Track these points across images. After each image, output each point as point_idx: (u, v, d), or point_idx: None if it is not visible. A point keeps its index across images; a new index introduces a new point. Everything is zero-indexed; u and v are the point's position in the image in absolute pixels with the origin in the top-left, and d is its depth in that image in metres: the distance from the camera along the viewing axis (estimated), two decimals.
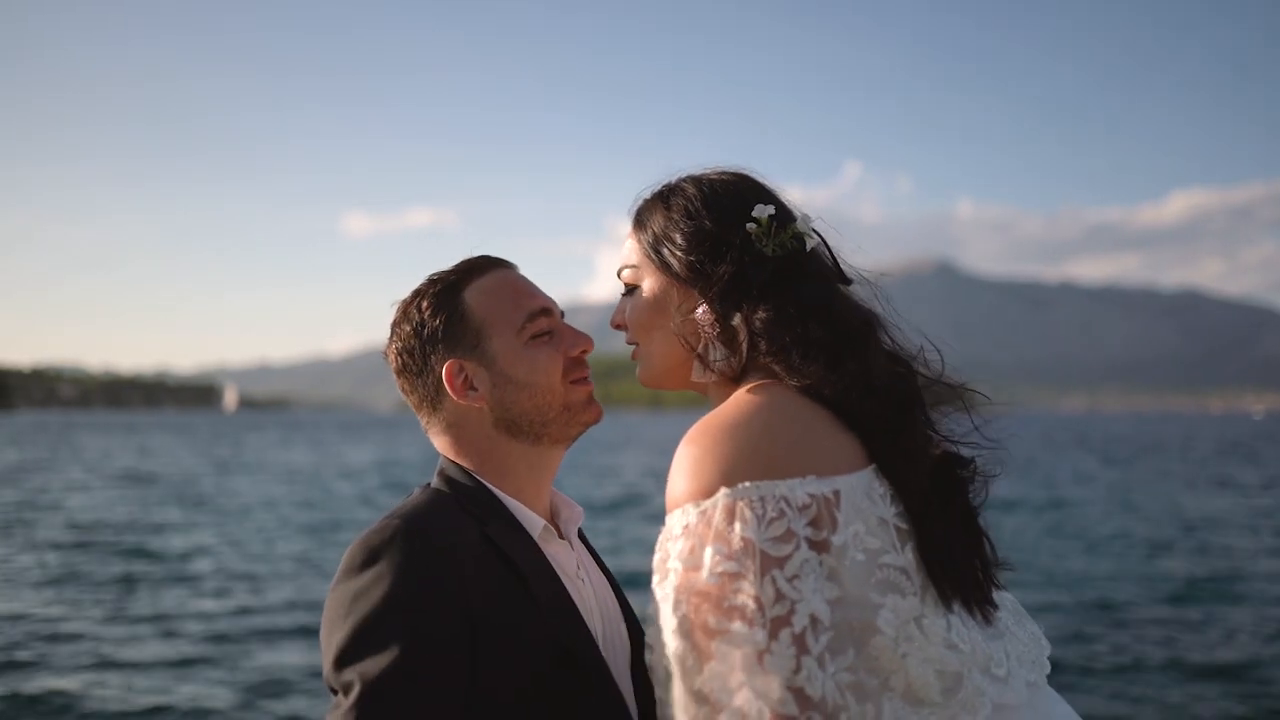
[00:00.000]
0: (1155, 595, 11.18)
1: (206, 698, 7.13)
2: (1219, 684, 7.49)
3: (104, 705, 6.90)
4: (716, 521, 1.17)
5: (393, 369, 1.63)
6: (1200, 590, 11.49)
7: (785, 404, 1.28)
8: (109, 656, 8.22)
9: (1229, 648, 8.64)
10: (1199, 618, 9.94)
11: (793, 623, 1.13)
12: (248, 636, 9.09)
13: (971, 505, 1.34)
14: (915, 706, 1.17)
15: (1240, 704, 6.99)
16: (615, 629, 1.59)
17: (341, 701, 1.31)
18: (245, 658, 8.30)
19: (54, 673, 7.66)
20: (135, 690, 7.26)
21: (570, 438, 1.62)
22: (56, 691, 7.16)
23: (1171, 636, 9.05)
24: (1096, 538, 16.10)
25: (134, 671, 7.76)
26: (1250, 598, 11.06)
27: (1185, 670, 7.86)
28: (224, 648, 8.65)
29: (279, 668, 8.01)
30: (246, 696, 7.14)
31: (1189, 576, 12.34)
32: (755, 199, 1.42)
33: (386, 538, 1.40)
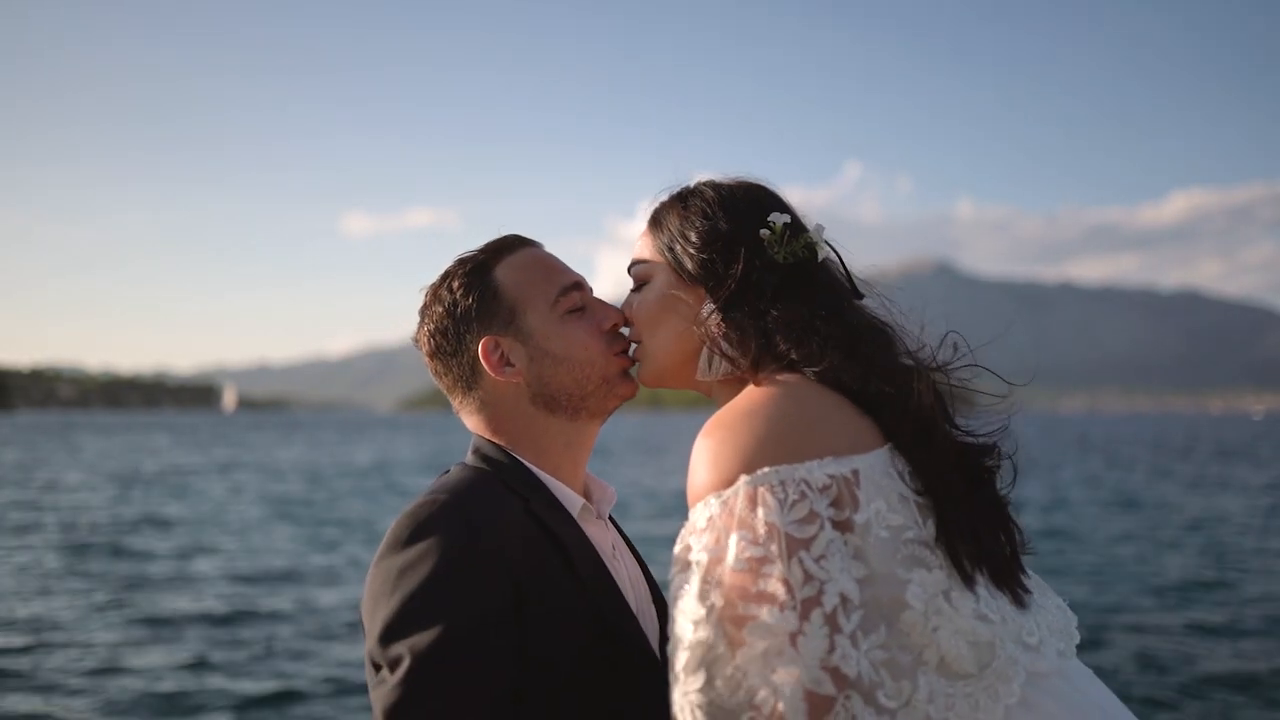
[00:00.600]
0: (1166, 596, 11.07)
1: (205, 698, 7.07)
2: (1229, 688, 7.42)
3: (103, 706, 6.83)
4: (739, 509, 1.18)
5: (425, 353, 1.63)
6: (1210, 591, 11.37)
7: (798, 390, 1.29)
8: (107, 659, 8.17)
9: (1239, 647, 8.58)
10: (1209, 618, 9.83)
11: (823, 603, 1.13)
12: (247, 638, 9.00)
13: (999, 492, 1.35)
14: (951, 679, 1.17)
15: (1265, 711, 6.89)
16: (646, 608, 1.60)
17: (388, 676, 1.30)
18: (247, 658, 8.24)
19: (52, 674, 7.60)
20: (135, 690, 7.20)
21: (607, 411, 1.62)
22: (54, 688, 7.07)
23: (1182, 638, 8.97)
24: (1104, 537, 15.97)
25: (135, 674, 7.70)
26: (1263, 599, 10.92)
27: (1197, 673, 7.77)
28: (223, 647, 8.58)
29: (276, 671, 7.92)
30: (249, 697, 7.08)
31: (1199, 578, 12.22)
32: (771, 207, 1.45)
33: (433, 512, 1.39)
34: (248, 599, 10.79)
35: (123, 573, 12.37)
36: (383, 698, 1.30)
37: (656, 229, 1.50)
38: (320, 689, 7.26)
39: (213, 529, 17.32)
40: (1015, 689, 1.18)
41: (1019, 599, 1.28)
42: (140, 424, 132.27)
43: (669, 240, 1.47)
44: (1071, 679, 1.26)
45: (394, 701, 1.28)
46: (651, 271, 1.50)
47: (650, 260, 1.50)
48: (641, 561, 1.71)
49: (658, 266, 1.49)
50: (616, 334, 1.60)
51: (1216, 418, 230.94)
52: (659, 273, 1.49)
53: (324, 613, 10.08)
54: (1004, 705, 1.17)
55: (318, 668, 7.84)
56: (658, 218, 1.51)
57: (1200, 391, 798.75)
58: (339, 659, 8.15)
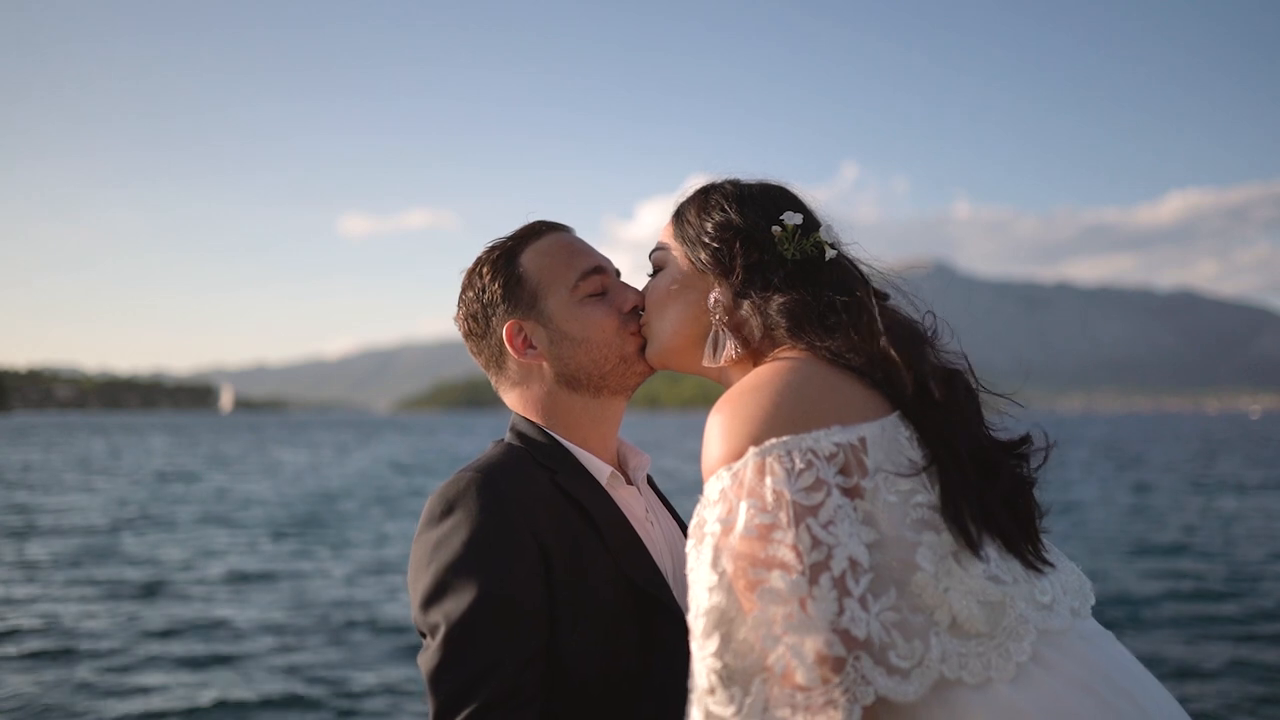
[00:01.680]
0: (1182, 595, 10.85)
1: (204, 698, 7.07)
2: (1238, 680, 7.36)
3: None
4: (748, 479, 1.22)
5: (461, 334, 1.73)
6: (1226, 590, 11.13)
7: (804, 365, 1.34)
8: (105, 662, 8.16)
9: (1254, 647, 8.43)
10: (1223, 617, 9.67)
11: (831, 567, 1.16)
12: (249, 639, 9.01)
13: (1023, 473, 1.37)
14: (963, 639, 1.20)
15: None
16: (683, 568, 1.63)
17: (429, 642, 1.42)
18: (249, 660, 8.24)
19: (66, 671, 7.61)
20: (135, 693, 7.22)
21: (629, 388, 1.70)
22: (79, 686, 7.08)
23: (1199, 636, 8.83)
24: (1117, 538, 15.66)
25: (136, 672, 7.71)
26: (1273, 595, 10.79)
27: (1208, 672, 7.66)
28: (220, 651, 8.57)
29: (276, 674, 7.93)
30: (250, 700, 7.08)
31: (1214, 576, 12.03)
32: (786, 207, 1.52)
33: (461, 489, 1.49)
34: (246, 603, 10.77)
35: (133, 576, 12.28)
36: (426, 661, 1.43)
37: (677, 220, 1.59)
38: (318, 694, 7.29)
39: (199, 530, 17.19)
40: (1027, 647, 1.20)
41: (1031, 565, 1.30)
42: (138, 424, 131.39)
43: (687, 230, 1.55)
44: (1086, 636, 1.27)
45: (435, 664, 1.41)
46: (667, 258, 1.59)
47: (668, 247, 1.59)
48: (683, 524, 1.78)
49: (674, 254, 1.57)
50: (634, 315, 1.67)
51: (1214, 417, 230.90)
52: (674, 259, 1.57)
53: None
54: (1015, 663, 1.19)
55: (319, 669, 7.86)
56: (680, 210, 1.60)
57: (1197, 391, 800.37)
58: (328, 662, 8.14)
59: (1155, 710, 1.22)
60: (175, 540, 15.50)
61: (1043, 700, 1.18)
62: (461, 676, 1.39)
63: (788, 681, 1.14)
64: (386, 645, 8.52)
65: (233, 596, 10.82)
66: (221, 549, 14.58)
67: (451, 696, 1.39)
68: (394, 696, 7.03)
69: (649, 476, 1.83)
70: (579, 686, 1.47)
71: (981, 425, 1.38)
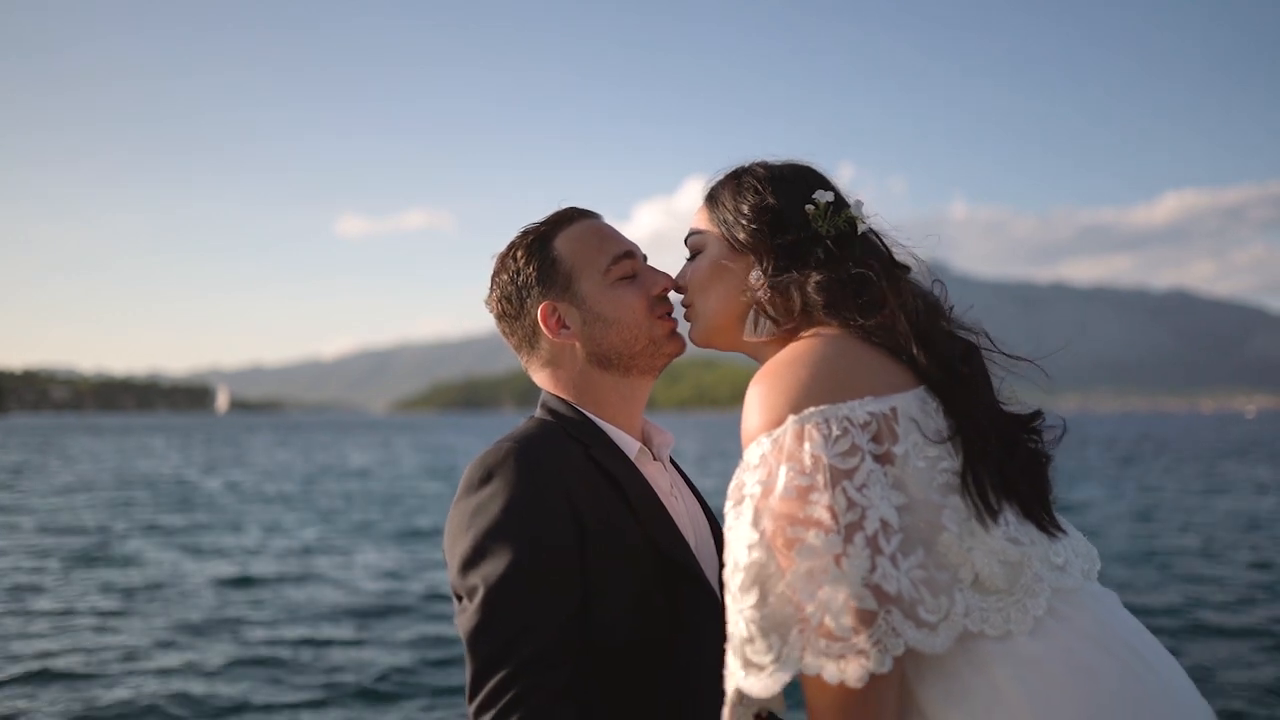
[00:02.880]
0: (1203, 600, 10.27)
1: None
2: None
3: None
4: (788, 444, 1.30)
5: (494, 315, 1.79)
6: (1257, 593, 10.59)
7: (838, 340, 1.42)
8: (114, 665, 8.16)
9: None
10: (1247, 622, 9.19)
11: (865, 526, 1.24)
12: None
13: (1037, 448, 1.46)
14: (984, 595, 1.28)
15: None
16: (705, 542, 1.74)
17: (467, 605, 1.48)
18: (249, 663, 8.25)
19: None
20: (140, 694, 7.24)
21: (657, 368, 1.76)
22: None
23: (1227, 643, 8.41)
24: (1134, 540, 15.06)
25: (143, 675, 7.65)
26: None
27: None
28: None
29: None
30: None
31: (1246, 580, 11.43)
32: (816, 185, 1.58)
33: (501, 458, 1.55)
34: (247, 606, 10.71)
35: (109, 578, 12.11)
36: (464, 623, 1.48)
37: (712, 204, 1.64)
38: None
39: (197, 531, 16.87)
40: (1042, 603, 1.29)
41: (1046, 529, 1.39)
42: (135, 426, 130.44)
43: (722, 214, 1.61)
44: (1095, 596, 1.37)
45: (473, 626, 1.46)
46: (705, 241, 1.64)
47: (705, 231, 1.64)
48: (703, 501, 1.86)
49: (711, 237, 1.63)
50: (663, 298, 1.74)
51: (1210, 417, 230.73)
52: (712, 242, 1.62)
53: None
54: (1033, 617, 1.28)
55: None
56: (713, 194, 1.65)
57: (1192, 391, 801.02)
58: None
59: (1157, 662, 1.31)
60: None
61: (1057, 650, 1.27)
62: (500, 637, 1.45)
63: (823, 632, 1.22)
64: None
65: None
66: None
67: (490, 657, 1.44)
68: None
69: (670, 456, 1.89)
70: (608, 650, 1.53)
71: (995, 398, 1.47)
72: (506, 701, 1.42)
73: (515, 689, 1.42)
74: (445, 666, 7.59)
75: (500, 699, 1.42)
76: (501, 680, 1.43)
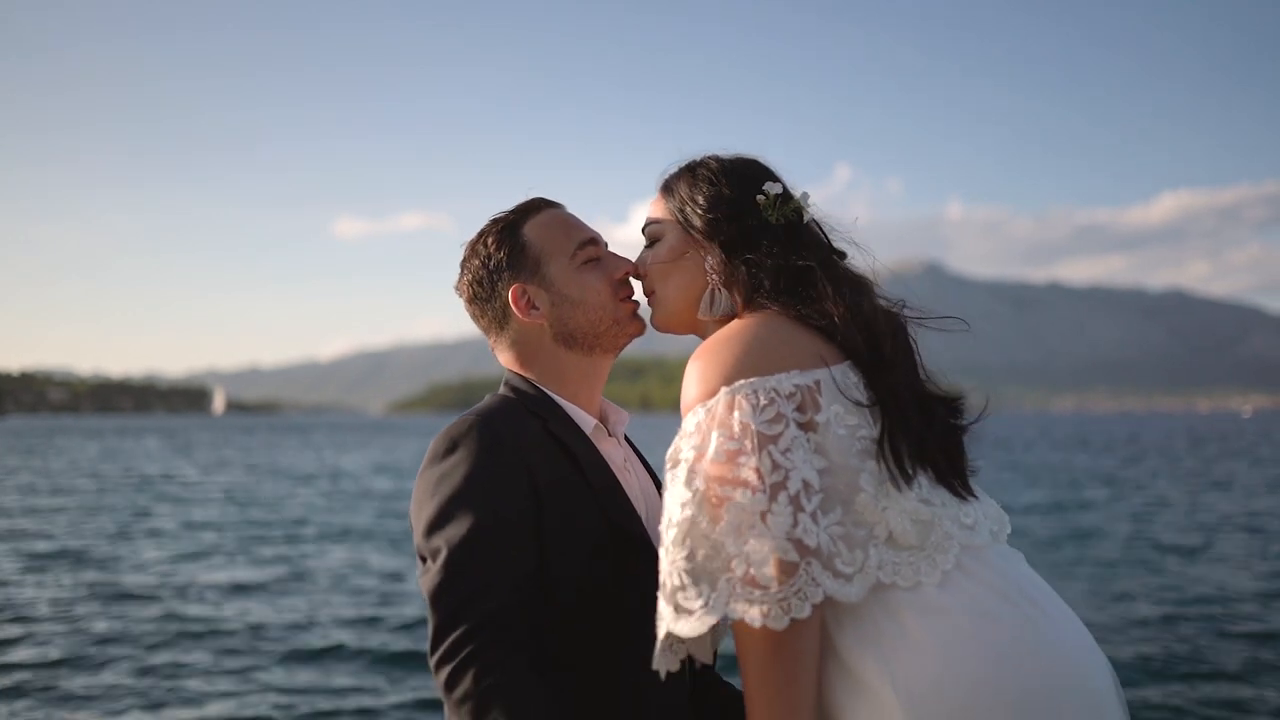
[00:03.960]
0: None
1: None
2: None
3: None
4: (720, 413, 1.44)
5: (464, 299, 1.90)
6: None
7: (771, 320, 1.56)
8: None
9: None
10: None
11: (788, 487, 1.38)
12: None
13: (955, 422, 1.60)
14: (897, 550, 1.43)
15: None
16: (655, 513, 1.84)
17: (430, 566, 1.59)
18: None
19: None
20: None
21: (618, 347, 1.88)
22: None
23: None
24: (1142, 541, 14.91)
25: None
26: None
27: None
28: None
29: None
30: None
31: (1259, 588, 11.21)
32: (766, 178, 1.71)
33: (464, 430, 1.67)
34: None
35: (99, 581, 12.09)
36: (427, 582, 1.59)
37: (668, 194, 1.76)
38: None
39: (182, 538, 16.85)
40: (951, 558, 1.43)
41: (957, 493, 1.53)
42: (132, 428, 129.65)
43: (679, 203, 1.72)
44: (1003, 555, 1.52)
45: (436, 584, 1.57)
46: (663, 230, 1.75)
47: (662, 220, 1.75)
48: (655, 477, 1.97)
49: (669, 225, 1.74)
50: (625, 282, 1.85)
51: (1206, 416, 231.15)
52: (670, 230, 1.73)
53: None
54: (941, 570, 1.42)
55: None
56: (669, 185, 1.76)
57: (1188, 391, 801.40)
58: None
59: (1055, 612, 1.45)
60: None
61: (963, 600, 1.41)
62: (460, 594, 1.55)
63: (749, 581, 1.35)
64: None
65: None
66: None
67: (451, 613, 1.55)
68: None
69: (625, 435, 2.00)
70: (561, 611, 1.65)
71: (918, 376, 1.60)
72: (466, 654, 1.52)
73: (474, 643, 1.53)
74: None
75: (460, 652, 1.52)
76: (461, 635, 1.53)
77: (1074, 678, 1.40)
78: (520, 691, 1.52)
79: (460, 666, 1.52)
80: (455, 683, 1.52)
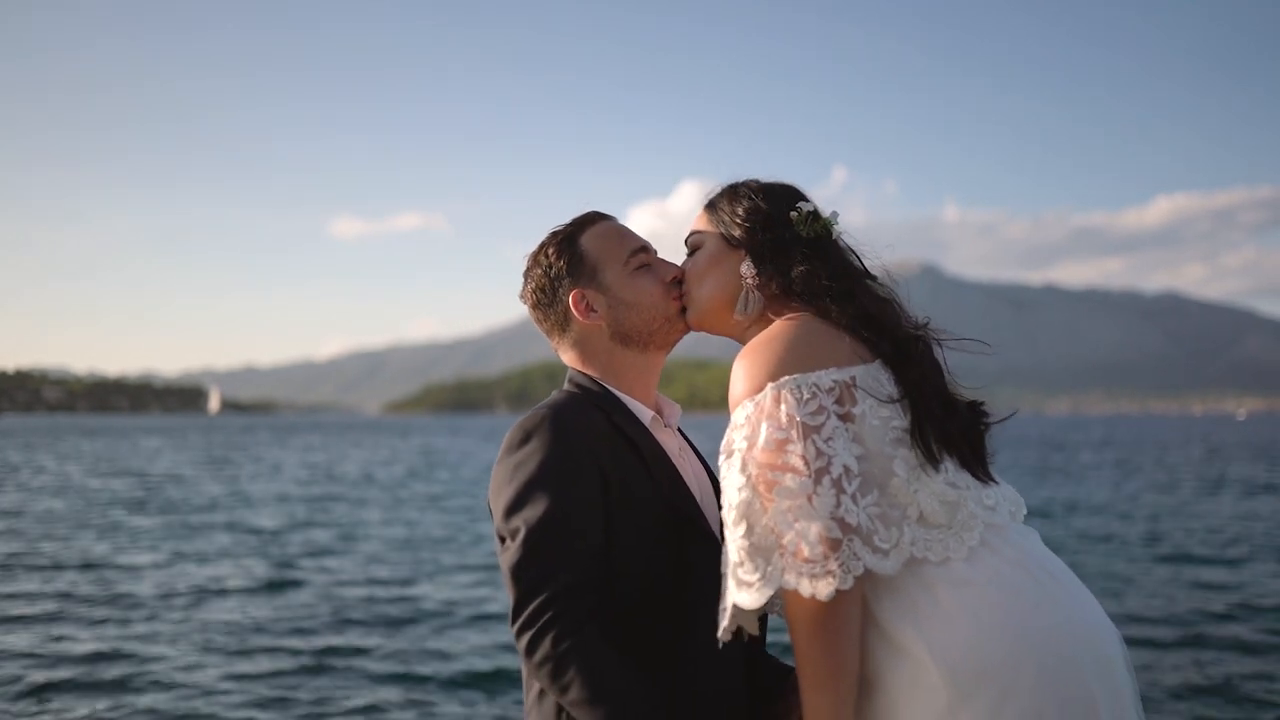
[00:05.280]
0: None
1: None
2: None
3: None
4: (767, 406, 1.61)
5: (528, 305, 2.06)
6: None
7: (809, 322, 1.73)
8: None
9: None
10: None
11: (831, 471, 1.55)
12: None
13: (977, 424, 1.76)
14: (928, 529, 1.60)
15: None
16: (707, 496, 2.01)
17: (510, 544, 1.77)
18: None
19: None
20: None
21: (670, 344, 2.04)
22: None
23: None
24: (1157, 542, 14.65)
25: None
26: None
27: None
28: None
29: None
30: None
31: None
32: (799, 198, 1.89)
33: (537, 422, 1.84)
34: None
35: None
36: (507, 560, 1.76)
37: (711, 210, 1.93)
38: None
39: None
40: (975, 535, 1.60)
41: (979, 478, 1.70)
42: (128, 428, 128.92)
43: (720, 216, 1.90)
44: (1021, 532, 1.69)
45: (515, 561, 1.74)
46: (704, 239, 1.93)
47: (704, 231, 1.93)
48: (705, 464, 2.13)
49: (710, 235, 1.91)
50: (675, 284, 2.01)
51: (1200, 419, 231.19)
52: (710, 240, 1.91)
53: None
54: (968, 546, 1.59)
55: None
56: (713, 202, 1.94)
57: (1182, 393, 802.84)
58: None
59: (1069, 583, 1.63)
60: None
61: (989, 573, 1.57)
62: (537, 569, 1.72)
63: (799, 556, 1.52)
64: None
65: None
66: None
67: (530, 586, 1.73)
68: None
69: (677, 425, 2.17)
70: (626, 589, 1.82)
71: (943, 379, 1.77)
72: (544, 622, 1.70)
73: (551, 611, 1.70)
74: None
75: (538, 620, 1.70)
76: (539, 605, 1.71)
77: (1089, 643, 1.56)
78: (593, 653, 1.69)
79: (539, 633, 1.70)
80: (535, 648, 1.70)
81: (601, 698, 1.68)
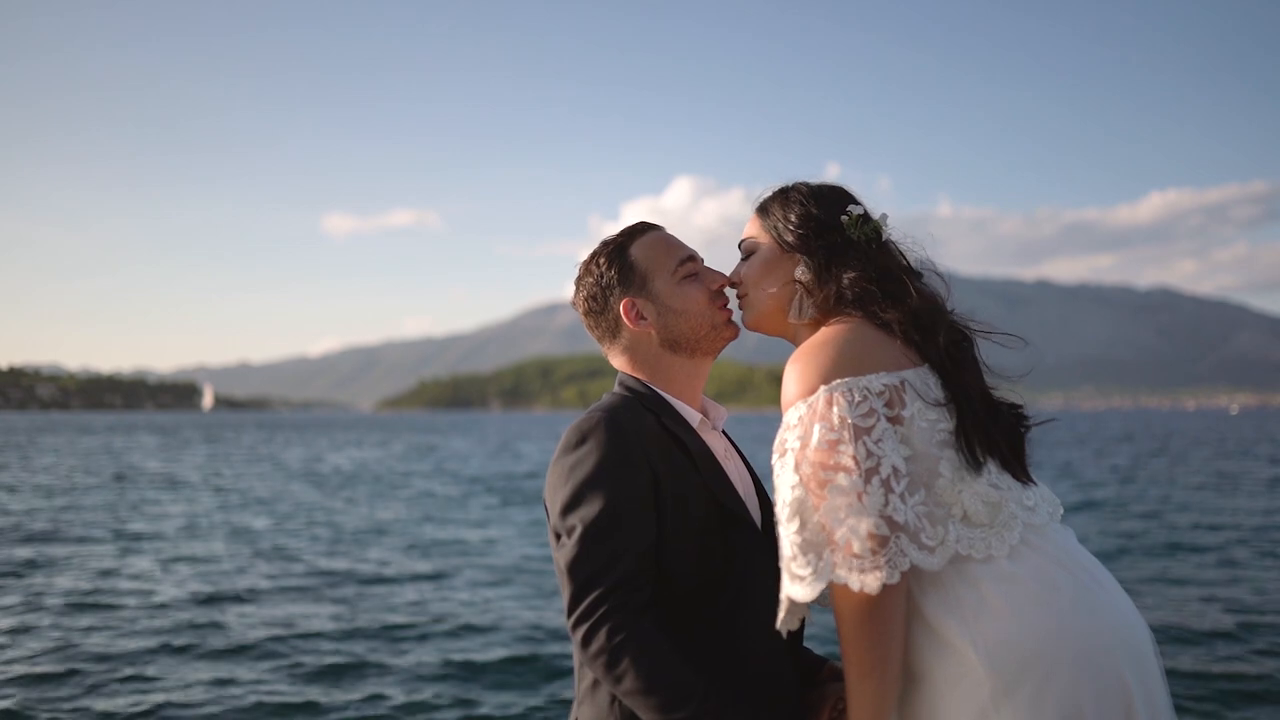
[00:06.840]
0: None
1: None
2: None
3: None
4: (820, 408, 1.67)
5: (580, 312, 2.13)
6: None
7: (860, 326, 1.79)
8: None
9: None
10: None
11: (880, 471, 1.61)
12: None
13: (1018, 427, 1.82)
14: (971, 527, 1.67)
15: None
16: (750, 495, 2.08)
17: (566, 541, 1.83)
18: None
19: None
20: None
21: (716, 350, 2.10)
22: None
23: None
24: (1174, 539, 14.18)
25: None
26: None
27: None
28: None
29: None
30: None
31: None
32: (849, 201, 1.94)
33: (593, 424, 1.90)
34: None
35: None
36: (563, 556, 1.82)
37: (763, 214, 1.98)
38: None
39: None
40: (1016, 534, 1.67)
41: (1020, 479, 1.77)
42: (123, 425, 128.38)
43: (773, 221, 1.95)
44: (1059, 531, 1.75)
45: (572, 557, 1.80)
46: (757, 244, 1.98)
47: (756, 236, 1.98)
48: (749, 464, 2.19)
49: (762, 240, 1.96)
50: (721, 292, 2.08)
51: (1193, 413, 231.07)
52: (764, 245, 1.96)
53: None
54: (1008, 545, 1.66)
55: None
56: (764, 206, 1.99)
57: (1175, 388, 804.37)
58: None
59: (1105, 580, 1.70)
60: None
61: (1029, 570, 1.64)
62: (592, 565, 1.78)
63: (849, 552, 1.58)
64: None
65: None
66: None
67: (585, 580, 1.78)
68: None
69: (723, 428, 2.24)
70: (676, 584, 1.88)
71: (984, 381, 1.83)
72: (599, 616, 1.76)
73: (605, 605, 1.76)
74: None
75: (593, 614, 1.76)
76: (594, 599, 1.77)
77: (1123, 636, 1.63)
78: (648, 644, 1.75)
79: (594, 626, 1.75)
80: (590, 640, 1.75)
81: (655, 687, 1.73)
